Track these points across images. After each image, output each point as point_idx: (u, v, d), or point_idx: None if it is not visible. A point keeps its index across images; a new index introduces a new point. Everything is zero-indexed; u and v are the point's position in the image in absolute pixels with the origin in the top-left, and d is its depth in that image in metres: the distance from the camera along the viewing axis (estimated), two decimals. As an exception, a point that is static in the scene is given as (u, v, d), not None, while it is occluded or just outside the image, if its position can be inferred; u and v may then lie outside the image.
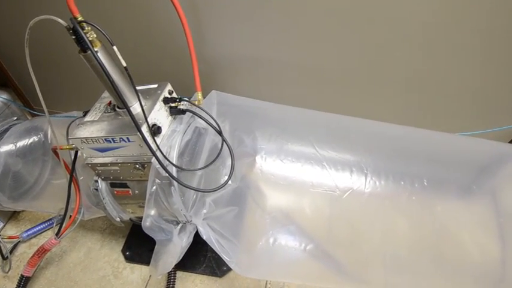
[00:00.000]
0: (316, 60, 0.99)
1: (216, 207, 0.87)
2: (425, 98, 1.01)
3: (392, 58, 0.93)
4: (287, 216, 0.90)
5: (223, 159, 0.88)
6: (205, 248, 1.11)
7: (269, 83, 1.09)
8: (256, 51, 1.01)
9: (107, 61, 0.68)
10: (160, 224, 0.83)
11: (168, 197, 0.80)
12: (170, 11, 0.80)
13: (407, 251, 0.90)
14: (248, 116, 0.92)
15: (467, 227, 0.98)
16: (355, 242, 0.85)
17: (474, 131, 1.03)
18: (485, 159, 1.02)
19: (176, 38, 1.00)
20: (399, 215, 0.88)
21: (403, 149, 0.92)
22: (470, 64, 0.92)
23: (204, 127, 0.86)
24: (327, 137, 0.92)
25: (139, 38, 1.07)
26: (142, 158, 0.78)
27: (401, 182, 0.87)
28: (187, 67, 0.87)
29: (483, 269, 0.95)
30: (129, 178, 0.84)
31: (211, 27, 1.00)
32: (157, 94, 0.81)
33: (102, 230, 1.25)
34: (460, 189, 0.94)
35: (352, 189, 0.86)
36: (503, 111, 1.02)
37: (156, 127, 0.76)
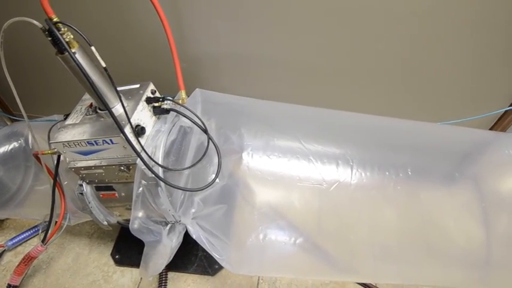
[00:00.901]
0: (300, 55, 1.00)
1: (205, 205, 0.87)
2: (407, 89, 1.03)
3: (374, 51, 0.94)
4: (276, 211, 0.90)
5: (210, 157, 0.87)
6: (196, 247, 1.11)
7: (254, 79, 1.09)
8: (240, 48, 1.01)
9: (85, 62, 0.66)
10: (149, 226, 0.82)
11: (156, 198, 0.79)
12: (149, 9, 0.79)
13: (395, 239, 0.92)
14: (233, 113, 0.92)
15: (452, 213, 1.00)
16: (343, 234, 0.86)
17: (455, 120, 1.06)
18: (467, 146, 1.04)
19: (157, 37, 0.98)
20: (385, 205, 0.90)
21: (387, 140, 0.94)
22: (449, 55, 0.94)
23: (189, 126, 0.85)
24: (312, 131, 0.92)
25: (119, 37, 1.05)
26: (127, 159, 0.77)
27: (386, 173, 0.88)
28: (170, 66, 0.86)
29: (469, 253, 0.98)
30: (114, 181, 0.83)
31: (193, 25, 0.99)
32: (140, 94, 0.79)
33: (90, 235, 1.23)
34: (444, 177, 0.96)
35: (338, 182, 0.87)
36: (482, 100, 1.05)
37: (140, 128, 0.75)
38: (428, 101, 1.06)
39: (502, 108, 1.05)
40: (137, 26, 1.00)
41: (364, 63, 0.98)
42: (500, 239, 0.99)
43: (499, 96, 1.04)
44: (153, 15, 0.79)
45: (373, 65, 0.98)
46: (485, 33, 0.88)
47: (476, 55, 0.93)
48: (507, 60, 0.94)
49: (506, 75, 0.98)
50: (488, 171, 1.05)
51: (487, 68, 0.96)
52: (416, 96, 1.05)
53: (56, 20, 0.60)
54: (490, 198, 1.03)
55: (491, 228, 0.99)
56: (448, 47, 0.91)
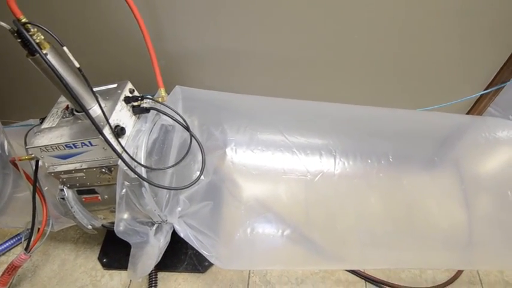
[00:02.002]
0: (279, 48, 1.00)
1: (191, 203, 0.86)
2: (385, 78, 1.04)
3: (351, 42, 0.95)
4: (263, 205, 0.91)
5: (193, 154, 0.87)
6: (185, 245, 1.11)
7: (235, 74, 1.08)
8: (219, 43, 1.00)
9: (58, 63, 0.64)
10: (135, 227, 0.81)
11: (140, 199, 0.78)
12: (123, 6, 0.77)
13: (380, 225, 0.94)
14: (215, 109, 0.91)
15: (434, 197, 1.03)
16: (330, 223, 0.87)
17: (433, 106, 1.08)
18: (445, 131, 1.07)
19: (133, 34, 0.96)
20: (369, 192, 0.91)
21: (368, 128, 0.96)
22: (424, 42, 0.95)
23: (170, 124, 0.84)
24: (295, 123, 0.93)
25: (93, 36, 1.02)
26: (108, 161, 0.75)
27: (368, 161, 0.90)
28: (148, 64, 0.84)
29: (451, 234, 1.01)
30: (96, 183, 0.81)
31: (170, 21, 0.97)
32: (118, 94, 0.78)
33: (75, 240, 1.20)
34: (425, 162, 0.99)
35: (322, 172, 0.88)
36: (458, 85, 1.08)
37: (120, 128, 0.73)
38: (406, 88, 1.08)
39: (478, 92, 1.08)
40: (111, 23, 0.98)
41: (342, 54, 0.99)
42: (481, 219, 1.03)
43: (475, 81, 1.07)
44: (128, 12, 0.78)
45: (351, 56, 0.99)
46: (458, 19, 0.90)
47: (451, 41, 0.95)
48: (481, 46, 0.96)
49: (480, 61, 1.01)
50: (467, 154, 1.08)
51: (462, 54, 0.99)
52: (395, 85, 1.07)
53: (24, 21, 0.58)
54: (470, 181, 1.06)
55: (471, 209, 1.03)
56: (423, 34, 0.93)
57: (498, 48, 0.97)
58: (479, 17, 0.89)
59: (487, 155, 1.04)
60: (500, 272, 1.18)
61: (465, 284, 1.13)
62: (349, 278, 1.10)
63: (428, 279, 1.12)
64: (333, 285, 1.09)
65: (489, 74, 1.04)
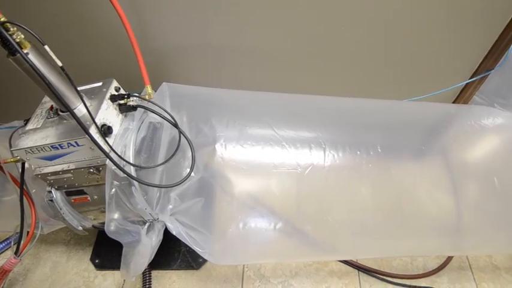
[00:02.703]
0: (265, 42, 0.99)
1: (183, 200, 0.86)
2: (372, 70, 1.05)
3: (337, 34, 0.95)
4: (255, 199, 0.91)
5: (183, 151, 0.86)
6: (178, 243, 1.10)
7: (222, 69, 1.07)
8: (204, 39, 0.99)
9: (40, 63, 0.63)
10: (126, 227, 0.80)
11: (130, 198, 0.78)
12: (106, 2, 0.75)
13: (371, 215, 0.95)
14: (203, 105, 0.91)
15: (423, 185, 1.05)
16: (322, 215, 0.88)
17: (420, 96, 1.10)
18: (432, 121, 1.09)
19: (117, 31, 0.94)
20: (359, 183, 0.92)
21: (357, 120, 0.96)
22: (409, 32, 0.96)
23: (158, 121, 0.83)
24: (283, 117, 0.93)
25: (76, 34, 1.00)
26: (96, 161, 0.74)
27: (357, 152, 0.91)
28: (134, 61, 0.83)
29: (441, 221, 1.03)
30: (85, 184, 0.80)
31: (154, 18, 0.96)
32: (103, 92, 0.76)
33: (66, 242, 1.19)
34: (413, 152, 1.00)
35: (312, 165, 0.88)
36: (444, 74, 1.09)
37: (106, 127, 0.72)
38: (393, 79, 1.09)
39: (463, 81, 1.09)
40: (95, 21, 0.96)
41: (329, 47, 0.99)
42: (469, 206, 1.05)
43: (460, 70, 1.08)
44: (111, 9, 0.76)
45: (338, 49, 0.99)
46: (442, 9, 0.90)
47: (436, 32, 0.96)
48: (465, 35, 0.97)
49: (465, 50, 1.02)
50: (454, 143, 1.10)
51: (447, 44, 1.00)
52: (382, 76, 1.08)
53: (3, 20, 0.57)
54: (457, 169, 1.08)
55: (460, 196, 1.05)
56: (408, 25, 0.93)
57: (481, 38, 0.98)
58: (462, 6, 0.90)
59: (474, 143, 1.06)
60: (488, 257, 1.21)
61: (455, 269, 1.16)
62: (342, 269, 1.12)
63: (419, 267, 1.14)
64: (326, 276, 1.10)
65: (474, 63, 1.05)
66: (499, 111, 1.08)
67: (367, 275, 1.11)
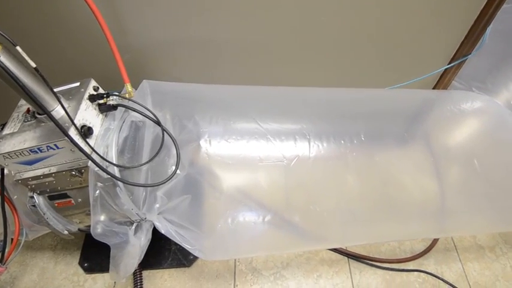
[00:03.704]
0: (246, 35, 0.98)
1: (170, 198, 0.85)
2: (351, 59, 1.05)
3: (314, 25, 0.95)
4: (243, 193, 0.91)
5: (167, 149, 0.85)
6: (168, 241, 1.09)
7: (202, 64, 1.06)
8: (184, 33, 0.97)
9: (13, 64, 0.60)
10: (113, 228, 0.79)
11: (115, 199, 0.76)
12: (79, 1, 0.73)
13: (359, 202, 0.97)
14: (186, 101, 0.90)
15: (407, 170, 1.07)
16: (310, 204, 0.89)
17: (401, 83, 1.11)
18: (414, 107, 1.11)
19: (92, 29, 0.91)
20: (345, 172, 0.93)
21: (339, 109, 0.97)
22: (387, 20, 0.97)
23: (140, 120, 0.82)
24: (267, 110, 0.93)
25: (49, 33, 0.97)
26: (78, 163, 0.73)
27: (341, 141, 0.92)
28: (112, 59, 0.81)
29: (426, 205, 1.06)
30: (68, 187, 0.78)
31: (131, 14, 0.93)
32: (81, 92, 0.75)
33: (53, 247, 1.16)
34: (396, 139, 1.02)
35: (298, 156, 0.89)
36: (423, 61, 1.11)
37: (86, 128, 0.71)
38: (373, 68, 1.10)
39: (442, 67, 1.11)
40: (68, 19, 0.93)
41: (306, 37, 0.98)
42: (452, 189, 1.07)
43: (438, 56, 1.10)
44: (85, 6, 0.74)
45: (317, 40, 0.99)
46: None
47: (413, 19, 0.97)
48: (442, 21, 0.99)
49: (442, 36, 1.03)
50: (435, 128, 1.13)
51: (424, 31, 1.01)
52: (362, 65, 1.08)
53: (-31, 21, 0.54)
54: (439, 153, 1.10)
55: (443, 179, 1.07)
56: (385, 13, 0.94)
57: (458, 23, 1.00)
58: (438, -7, 0.91)
59: (454, 127, 1.08)
60: (473, 237, 1.24)
61: (441, 251, 1.19)
62: (333, 257, 1.14)
63: (407, 250, 1.17)
64: (317, 264, 1.12)
65: (451, 49, 1.07)
66: (477, 95, 1.11)
67: (356, 261, 1.13)
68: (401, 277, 1.11)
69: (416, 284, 1.10)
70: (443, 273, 1.14)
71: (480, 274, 1.15)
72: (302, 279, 1.08)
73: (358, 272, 1.11)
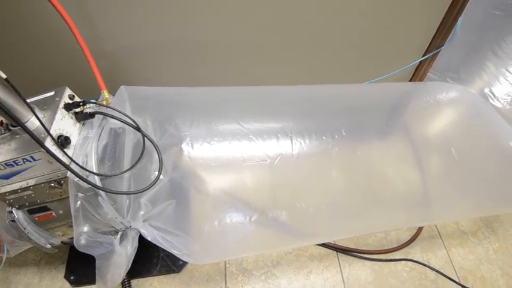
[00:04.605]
0: (223, 35, 0.98)
1: (155, 204, 0.84)
2: (329, 56, 1.07)
3: (291, 22, 0.96)
4: (229, 195, 0.91)
5: (149, 155, 0.84)
6: (156, 248, 1.07)
7: (181, 66, 1.05)
8: (160, 36, 0.96)
9: (-20, 76, 0.59)
10: (97, 239, 0.78)
11: (98, 209, 0.75)
12: (50, 8, 0.71)
13: (343, 196, 0.98)
14: (166, 106, 0.89)
15: (389, 162, 1.09)
16: (296, 201, 0.89)
17: (378, 77, 1.13)
18: (392, 100, 1.13)
19: (65, 37, 0.89)
20: (329, 167, 0.95)
21: (319, 106, 0.98)
22: (361, 16, 0.98)
23: (120, 127, 0.80)
24: (248, 110, 0.93)
25: (19, 42, 0.94)
26: (56, 174, 0.71)
27: (323, 137, 0.93)
28: (87, 66, 0.79)
29: (409, 195, 1.08)
30: (47, 199, 0.76)
31: (103, 19, 0.92)
32: (56, 102, 0.73)
33: (37, 262, 1.13)
34: (376, 132, 1.03)
35: (281, 155, 0.89)
36: (398, 55, 1.13)
37: (63, 138, 0.69)
38: (350, 64, 1.12)
39: (417, 59, 1.14)
40: (40, 28, 0.91)
41: (284, 36, 0.99)
42: (433, 177, 1.10)
43: (413, 49, 1.13)
44: (56, 14, 0.72)
45: (293, 38, 1.00)
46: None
47: (386, 14, 0.99)
48: (414, 15, 1.01)
49: (415, 29, 1.06)
50: (414, 119, 1.15)
51: (398, 25, 1.03)
52: (340, 62, 1.10)
53: None
54: (419, 144, 1.13)
55: (424, 169, 1.10)
56: (358, 9, 0.96)
57: (429, 16, 1.03)
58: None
59: (431, 118, 1.11)
60: (455, 223, 1.28)
61: (426, 239, 1.22)
62: (322, 252, 1.15)
63: (393, 240, 1.19)
64: (307, 261, 1.12)
65: (425, 42, 1.10)
66: (452, 85, 1.14)
67: (345, 254, 1.15)
68: (389, 267, 1.13)
69: (404, 273, 1.12)
70: (429, 260, 1.16)
71: (464, 259, 1.18)
72: (293, 277, 1.09)
73: (347, 265, 1.12)
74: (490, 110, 1.08)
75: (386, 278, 1.11)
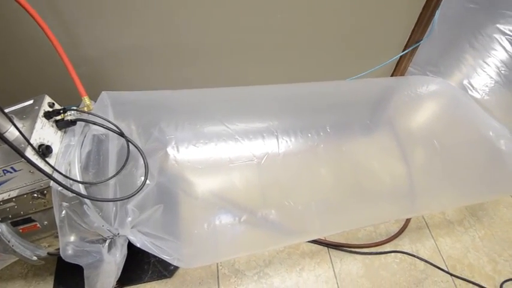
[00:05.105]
0: (201, 36, 0.98)
1: (143, 210, 0.83)
2: (311, 53, 1.08)
3: (272, 22, 0.96)
4: (216, 196, 0.90)
5: (134, 160, 0.83)
6: (146, 254, 1.07)
7: (163, 69, 1.04)
8: (139, 40, 0.95)
9: (-46, 87, 0.57)
10: (84, 248, 0.76)
11: (84, 217, 0.73)
12: (25, 15, 0.70)
13: (332, 192, 0.99)
14: (149, 110, 0.88)
15: (375, 157, 1.11)
16: (284, 200, 0.89)
17: (361, 73, 1.15)
18: (375, 95, 1.14)
19: (42, 44, 0.88)
20: (315, 164, 0.95)
21: (304, 104, 0.99)
22: (342, 15, 0.99)
23: (103, 133, 0.79)
24: (233, 111, 0.93)
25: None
26: (39, 184, 0.69)
27: (308, 135, 0.94)
28: (67, 73, 0.78)
29: (395, 188, 1.10)
30: (31, 211, 0.74)
31: (82, 25, 0.90)
32: (36, 110, 0.71)
33: (23, 275, 1.10)
34: (361, 127, 1.05)
35: (268, 154, 0.90)
36: (379, 51, 1.15)
37: (45, 147, 0.68)
38: (332, 61, 1.13)
39: (397, 54, 1.16)
40: (16, 34, 0.88)
41: (265, 36, 1.00)
42: (418, 169, 1.12)
43: (393, 45, 1.15)
44: (32, 21, 0.71)
45: (274, 37, 1.00)
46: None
47: (366, 10, 1.01)
48: (392, 10, 1.03)
49: (394, 25, 1.08)
50: (397, 113, 1.17)
51: (377, 21, 1.05)
52: (321, 59, 1.11)
53: None
54: (403, 137, 1.15)
55: (409, 161, 1.12)
56: (337, 7, 0.97)
57: (407, 11, 1.05)
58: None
59: (414, 111, 1.13)
60: (442, 213, 1.31)
61: (414, 230, 1.24)
62: (313, 248, 1.16)
63: (382, 233, 1.21)
64: (299, 258, 1.13)
65: (404, 37, 1.12)
66: (432, 78, 1.17)
67: (336, 250, 1.16)
68: (379, 260, 1.15)
69: (394, 265, 1.14)
70: (418, 251, 1.19)
71: (452, 248, 1.21)
72: (285, 275, 1.09)
73: (338, 260, 1.13)
74: (470, 101, 1.10)
75: (377, 270, 1.12)
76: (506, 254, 1.20)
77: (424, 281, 1.12)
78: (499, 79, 1.12)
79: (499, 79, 1.12)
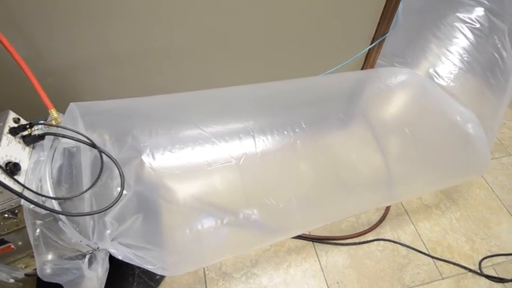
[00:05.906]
0: (170, 41, 0.96)
1: (122, 221, 0.81)
2: (282, 52, 1.08)
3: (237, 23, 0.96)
4: (197, 201, 0.89)
5: (109, 170, 0.81)
6: (130, 266, 1.04)
7: (133, 76, 1.02)
8: (105, 48, 0.93)
9: None
10: (63, 265, 0.74)
11: (60, 234, 0.71)
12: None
13: (312, 187, 1.00)
14: (121, 118, 0.86)
15: (352, 149, 1.13)
16: (266, 198, 0.90)
17: (332, 68, 1.17)
18: (347, 89, 1.17)
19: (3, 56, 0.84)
20: (294, 161, 0.96)
21: (278, 102, 1.00)
22: (308, 11, 1.01)
23: (74, 146, 0.77)
24: (208, 113, 0.92)
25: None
26: (9, 204, 0.66)
27: (284, 132, 0.94)
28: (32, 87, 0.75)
29: (373, 178, 1.12)
30: (3, 232, 0.71)
31: (44, 36, 0.87)
32: (0, 127, 0.68)
33: (1, 300, 1.06)
34: (335, 121, 1.07)
35: (245, 154, 0.90)
36: (348, 45, 1.17)
37: (12, 164, 0.65)
38: (303, 58, 1.14)
39: (365, 48, 1.19)
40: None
41: (233, 37, 0.99)
42: (393, 158, 1.15)
43: (360, 39, 1.17)
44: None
45: (243, 38, 1.00)
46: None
47: (330, 5, 1.02)
48: (357, 4, 1.05)
49: (360, 18, 1.10)
50: (370, 105, 1.20)
51: (343, 16, 1.07)
52: (292, 57, 1.12)
53: None
54: (377, 128, 1.18)
55: (384, 151, 1.15)
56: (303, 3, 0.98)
57: (372, 5, 1.08)
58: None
59: (385, 102, 1.17)
60: (419, 199, 1.35)
61: (394, 217, 1.28)
62: (298, 244, 1.17)
63: (364, 223, 1.24)
64: (285, 255, 1.14)
65: (370, 30, 1.15)
66: (400, 69, 1.21)
67: (321, 243, 1.18)
68: (363, 249, 1.18)
69: (378, 253, 1.17)
70: (399, 237, 1.22)
71: (431, 231, 1.25)
72: (273, 273, 1.10)
73: (324, 254, 1.15)
74: (436, 88, 1.14)
75: (362, 259, 1.15)
76: (482, 232, 1.26)
77: (407, 265, 1.15)
78: (463, 66, 1.17)
79: (462, 66, 1.17)
